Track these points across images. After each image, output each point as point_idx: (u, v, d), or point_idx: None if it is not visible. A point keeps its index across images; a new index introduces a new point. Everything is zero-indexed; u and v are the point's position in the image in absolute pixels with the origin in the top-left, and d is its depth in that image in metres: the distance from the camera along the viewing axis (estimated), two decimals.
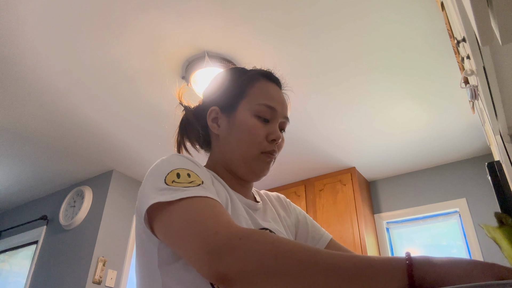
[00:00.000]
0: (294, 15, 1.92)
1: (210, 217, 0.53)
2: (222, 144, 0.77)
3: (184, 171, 0.61)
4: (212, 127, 0.78)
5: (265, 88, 0.77)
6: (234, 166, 0.74)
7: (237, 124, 0.74)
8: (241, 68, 0.84)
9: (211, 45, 2.12)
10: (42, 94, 2.48)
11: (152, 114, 2.69)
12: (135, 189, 3.58)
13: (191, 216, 0.53)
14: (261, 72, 0.81)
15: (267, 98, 0.76)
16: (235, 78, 0.80)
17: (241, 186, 0.77)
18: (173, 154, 0.68)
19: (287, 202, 0.90)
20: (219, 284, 0.49)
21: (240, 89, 0.77)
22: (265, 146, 0.73)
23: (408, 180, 3.39)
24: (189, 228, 0.52)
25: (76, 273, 3.07)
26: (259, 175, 0.75)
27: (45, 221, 3.67)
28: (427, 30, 1.98)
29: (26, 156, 3.22)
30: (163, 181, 0.58)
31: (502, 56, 0.90)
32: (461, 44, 0.99)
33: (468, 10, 0.56)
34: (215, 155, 0.79)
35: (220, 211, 0.55)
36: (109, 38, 2.06)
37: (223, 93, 0.79)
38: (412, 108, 2.60)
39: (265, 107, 0.74)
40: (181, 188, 0.57)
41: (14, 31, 2.00)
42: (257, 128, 0.73)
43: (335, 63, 2.22)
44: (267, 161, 0.74)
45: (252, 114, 0.74)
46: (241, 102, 0.76)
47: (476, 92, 1.15)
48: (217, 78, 0.84)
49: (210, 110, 0.79)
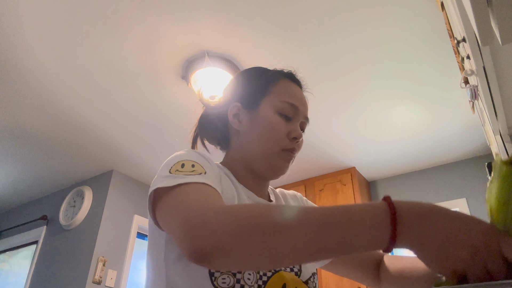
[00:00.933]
0: (294, 15, 1.92)
1: (197, 199, 0.53)
2: (242, 140, 0.77)
3: (189, 162, 0.62)
4: (233, 122, 0.78)
5: (287, 87, 0.78)
6: (254, 162, 0.74)
7: (259, 120, 0.74)
8: (263, 67, 0.84)
9: (211, 45, 2.12)
10: (42, 94, 2.48)
11: (152, 114, 2.69)
12: (135, 189, 3.58)
13: (181, 199, 0.54)
14: (283, 72, 0.82)
15: (290, 96, 0.76)
16: (258, 75, 0.81)
17: (257, 184, 0.77)
18: (188, 149, 0.69)
19: (304, 200, 0.89)
20: (199, 263, 0.47)
21: (263, 86, 0.77)
22: (286, 143, 0.73)
23: (408, 180, 3.39)
24: (176, 210, 0.53)
25: (76, 273, 3.07)
26: (278, 173, 0.75)
27: (45, 221, 3.67)
28: (427, 30, 1.98)
29: (26, 156, 3.22)
30: (168, 171, 0.60)
31: (502, 56, 0.90)
32: (461, 44, 0.99)
33: (468, 10, 0.56)
34: (234, 152, 0.79)
35: (210, 194, 0.55)
36: (109, 38, 2.06)
37: (246, 89, 0.79)
38: (412, 108, 2.60)
39: (288, 105, 0.75)
40: (181, 176, 0.58)
41: (13, 32, 2.00)
42: (279, 125, 0.73)
43: (335, 63, 2.22)
44: (287, 159, 0.74)
45: (275, 111, 0.74)
46: (264, 99, 0.76)
47: (476, 92, 1.15)
48: (239, 75, 0.84)
49: (232, 106, 0.78)
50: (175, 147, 3.01)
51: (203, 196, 0.54)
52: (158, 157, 3.19)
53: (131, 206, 3.50)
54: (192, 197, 0.54)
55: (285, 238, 0.45)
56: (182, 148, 0.70)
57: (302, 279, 0.69)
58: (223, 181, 0.68)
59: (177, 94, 2.48)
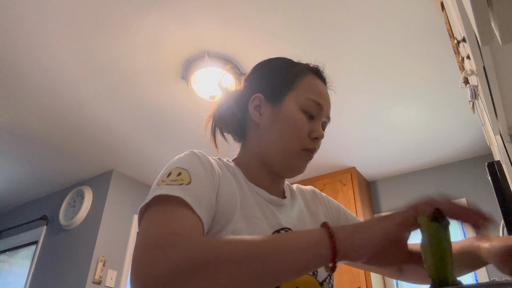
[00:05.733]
0: (294, 15, 1.92)
1: (161, 221, 0.53)
2: (261, 135, 0.73)
3: (177, 170, 0.60)
4: (253, 114, 0.74)
5: (313, 83, 0.75)
6: (271, 159, 0.71)
7: (282, 115, 0.71)
8: (290, 59, 0.80)
9: (211, 45, 2.12)
10: (42, 94, 2.48)
11: (152, 114, 2.69)
12: (135, 189, 3.58)
13: (148, 223, 0.54)
14: (310, 66, 0.79)
15: (315, 93, 0.73)
16: (284, 67, 0.77)
17: (271, 180, 0.74)
18: (186, 152, 0.66)
19: (323, 197, 0.86)
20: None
21: (289, 79, 0.73)
22: (307, 143, 0.70)
23: (408, 180, 3.39)
24: (138, 238, 0.52)
25: (76, 273, 3.06)
26: (295, 172, 0.72)
27: (45, 221, 3.67)
28: (427, 30, 1.98)
29: (26, 156, 3.22)
30: (157, 183, 0.59)
31: (502, 56, 0.90)
32: (461, 44, 0.99)
33: (468, 10, 0.56)
34: (251, 145, 0.75)
35: (172, 217, 0.53)
36: (109, 38, 2.06)
37: (270, 81, 0.75)
38: (412, 108, 2.60)
39: (313, 103, 0.71)
40: (161, 186, 0.57)
41: (14, 31, 2.00)
42: (303, 124, 0.70)
43: (335, 63, 2.22)
44: (306, 159, 0.71)
45: (299, 108, 0.71)
46: (289, 94, 0.72)
47: (476, 92, 1.15)
48: (263, 65, 0.80)
49: (254, 97, 0.75)
50: (175, 147, 3.01)
51: (167, 218, 0.53)
52: (158, 157, 3.19)
53: (131, 206, 3.50)
54: (157, 219, 0.53)
55: (223, 276, 0.44)
56: (183, 146, 0.69)
57: (319, 279, 0.68)
58: (224, 181, 0.66)
59: (177, 94, 2.48)
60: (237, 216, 0.64)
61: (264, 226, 0.66)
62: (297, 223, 0.73)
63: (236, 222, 0.63)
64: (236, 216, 0.63)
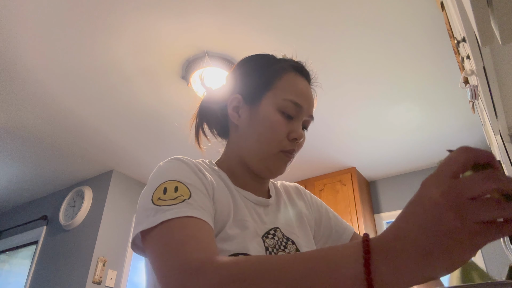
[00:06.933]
0: (294, 16, 1.92)
1: (181, 239, 0.51)
2: (240, 136, 0.73)
3: (172, 184, 0.58)
4: (232, 116, 0.73)
5: (293, 82, 0.72)
6: (250, 161, 0.71)
7: (259, 117, 0.70)
8: (271, 56, 0.78)
9: (211, 45, 2.12)
10: (42, 94, 2.48)
11: (152, 113, 2.69)
12: (135, 189, 3.58)
13: (165, 241, 0.52)
14: (291, 63, 0.76)
15: (294, 93, 0.71)
16: (264, 65, 0.75)
17: (255, 181, 0.74)
18: (171, 159, 0.65)
19: (307, 194, 0.86)
20: None
21: (267, 79, 0.72)
22: (285, 144, 0.69)
23: (408, 180, 3.39)
24: (157, 261, 0.51)
25: (76, 273, 3.06)
26: (274, 174, 0.71)
27: (45, 221, 3.67)
28: (427, 30, 1.98)
29: (26, 156, 3.22)
30: (151, 199, 0.57)
31: (502, 56, 0.90)
32: (461, 44, 0.99)
33: (468, 10, 0.56)
34: (232, 146, 0.75)
35: (196, 231, 0.53)
36: (108, 39, 2.06)
37: (248, 81, 0.74)
38: (412, 108, 2.60)
39: (291, 103, 0.69)
40: (164, 208, 0.54)
41: (12, 32, 2.00)
42: (280, 125, 0.68)
43: (335, 63, 2.22)
44: (285, 161, 0.70)
45: (277, 109, 0.69)
46: (266, 94, 0.71)
47: (476, 92, 1.15)
48: (244, 63, 0.78)
49: (232, 98, 0.73)
50: (175, 146, 3.01)
51: (187, 234, 0.52)
52: (158, 157, 3.19)
53: (131, 206, 3.50)
54: (177, 236, 0.51)
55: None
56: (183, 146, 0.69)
57: None
58: (217, 188, 0.65)
59: (177, 94, 2.48)
60: (231, 221, 0.64)
61: (255, 229, 0.67)
62: (284, 221, 0.74)
63: (231, 227, 0.63)
64: (230, 221, 0.64)
